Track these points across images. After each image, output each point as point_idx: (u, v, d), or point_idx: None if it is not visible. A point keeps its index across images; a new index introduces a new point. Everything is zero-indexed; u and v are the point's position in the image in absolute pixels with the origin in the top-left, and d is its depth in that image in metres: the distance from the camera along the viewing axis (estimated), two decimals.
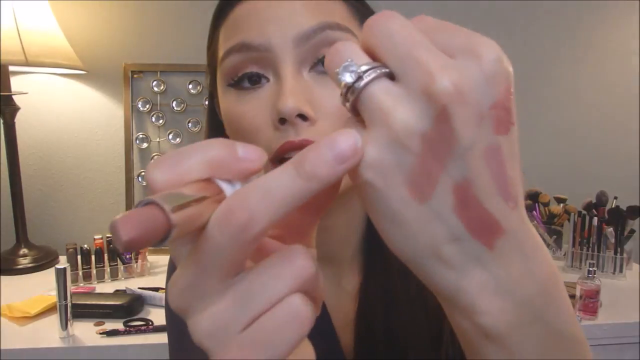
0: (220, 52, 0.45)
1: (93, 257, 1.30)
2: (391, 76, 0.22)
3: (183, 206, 0.18)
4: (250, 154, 0.21)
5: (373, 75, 0.21)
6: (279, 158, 0.41)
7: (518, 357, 0.23)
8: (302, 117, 0.40)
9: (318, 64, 0.42)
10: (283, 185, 0.19)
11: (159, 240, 0.18)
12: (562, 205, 1.58)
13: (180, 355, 0.53)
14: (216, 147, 0.21)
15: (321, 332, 0.48)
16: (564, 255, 1.51)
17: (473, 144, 0.21)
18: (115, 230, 0.17)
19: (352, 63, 0.21)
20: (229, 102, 0.44)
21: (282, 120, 0.40)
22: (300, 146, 0.39)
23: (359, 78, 0.21)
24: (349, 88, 0.21)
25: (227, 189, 0.21)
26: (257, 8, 0.42)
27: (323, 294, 0.24)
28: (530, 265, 0.23)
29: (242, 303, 0.20)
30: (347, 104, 0.22)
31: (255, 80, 0.43)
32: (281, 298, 0.20)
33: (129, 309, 1.08)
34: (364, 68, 0.21)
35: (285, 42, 0.41)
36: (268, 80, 0.43)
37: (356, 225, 0.50)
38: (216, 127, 0.51)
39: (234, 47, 0.42)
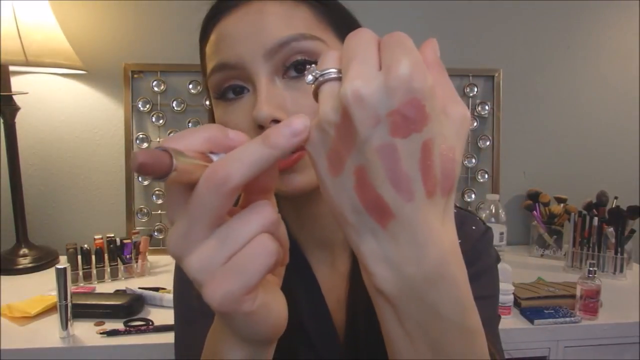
0: (208, 69, 0.51)
1: (93, 257, 1.30)
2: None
3: (184, 161, 0.26)
4: (237, 136, 0.30)
5: (324, 78, 0.29)
6: None
7: (402, 317, 0.29)
8: (276, 121, 0.45)
9: (289, 70, 0.47)
10: (253, 152, 0.27)
11: (162, 174, 0.25)
12: (562, 205, 1.58)
13: (188, 331, 0.57)
14: (213, 129, 0.29)
15: (315, 311, 0.52)
16: (564, 255, 1.51)
17: (368, 140, 0.26)
18: (134, 156, 0.23)
19: (313, 69, 0.29)
20: (219, 113, 0.51)
21: (260, 127, 0.45)
22: None
23: (316, 79, 0.29)
24: (313, 85, 0.29)
25: (215, 159, 0.28)
26: (228, 30, 0.48)
27: (285, 234, 0.31)
28: (418, 252, 0.27)
29: (223, 243, 0.27)
30: (314, 95, 0.30)
31: (238, 91, 0.49)
32: (253, 237, 0.27)
33: (129, 309, 1.08)
34: (319, 72, 0.29)
35: (256, 58, 0.46)
36: (248, 90, 0.48)
37: None
38: None
39: (215, 67, 0.49)
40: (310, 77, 0.29)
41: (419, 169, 0.26)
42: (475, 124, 1.63)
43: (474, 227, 0.58)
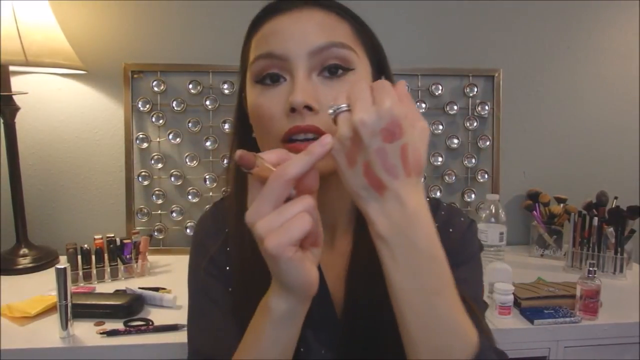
0: (251, 57, 0.59)
1: (93, 257, 1.30)
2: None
3: (262, 163, 0.45)
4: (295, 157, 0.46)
5: (339, 110, 0.46)
6: (287, 138, 0.55)
7: (394, 253, 0.45)
8: (308, 108, 0.54)
9: (324, 71, 0.57)
10: (301, 158, 0.45)
11: (249, 166, 0.44)
12: (562, 205, 1.58)
13: (200, 300, 0.67)
14: (283, 152, 0.48)
15: None
16: (564, 255, 1.51)
17: (369, 145, 0.44)
18: (237, 153, 0.43)
19: (333, 105, 0.47)
20: (255, 95, 0.59)
21: (293, 110, 0.54)
22: (306, 129, 0.54)
23: (335, 111, 0.46)
24: (333, 114, 0.47)
25: None
26: (280, 26, 0.57)
27: (319, 220, 0.47)
28: (401, 206, 0.45)
29: (279, 215, 0.43)
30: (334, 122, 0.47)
31: (275, 79, 0.57)
32: (297, 213, 0.43)
33: (129, 309, 1.08)
34: (337, 107, 0.46)
35: (300, 54, 0.55)
36: (285, 80, 0.57)
37: (348, 198, 0.64)
38: (242, 117, 0.65)
39: (262, 55, 0.57)
40: (330, 111, 0.47)
41: (400, 160, 0.44)
42: (475, 123, 1.63)
43: (462, 219, 0.70)
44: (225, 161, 1.54)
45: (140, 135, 1.52)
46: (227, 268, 0.66)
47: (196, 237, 0.72)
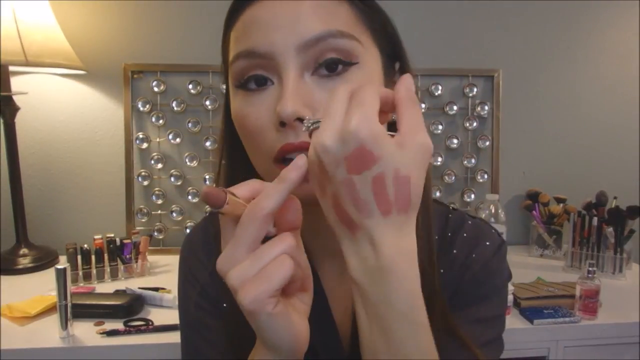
0: (231, 55, 0.48)
1: (93, 257, 1.30)
2: None
3: (234, 199, 0.37)
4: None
5: (312, 127, 0.39)
6: (280, 159, 0.46)
7: (365, 301, 0.37)
8: (301, 120, 0.43)
9: (320, 68, 0.45)
10: (274, 187, 0.37)
11: (218, 205, 0.36)
12: (562, 205, 1.58)
13: (191, 336, 0.60)
14: (257, 183, 0.40)
15: (320, 321, 0.52)
16: (564, 255, 1.52)
17: (334, 176, 0.36)
18: (203, 190, 0.35)
19: (309, 118, 0.40)
20: (237, 103, 0.48)
21: (283, 123, 0.44)
22: (300, 148, 0.44)
23: (308, 127, 0.39)
24: (306, 131, 0.40)
25: None
26: (261, 14, 0.45)
27: (306, 262, 0.40)
28: (375, 252, 0.36)
29: (255, 260, 0.36)
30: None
31: (261, 82, 0.46)
32: (277, 256, 0.36)
33: (129, 309, 1.08)
34: (311, 122, 0.39)
35: (288, 49, 0.44)
36: (273, 83, 0.46)
37: None
38: (231, 123, 0.55)
39: (241, 53, 0.46)
40: (304, 127, 0.40)
41: (373, 196, 0.35)
42: (475, 124, 1.63)
43: (487, 243, 0.56)
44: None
45: (140, 135, 1.52)
46: (225, 305, 0.57)
47: (184, 262, 0.62)
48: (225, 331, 0.56)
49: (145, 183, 1.54)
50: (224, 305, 0.57)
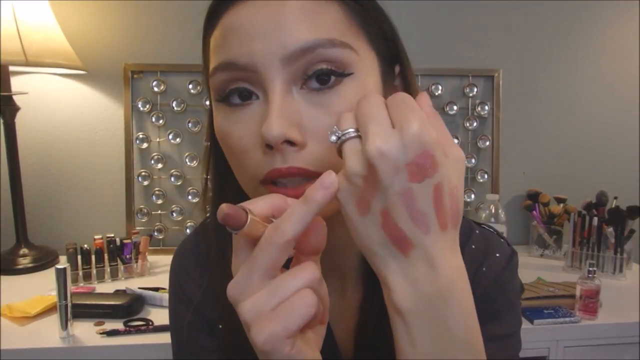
0: (210, 65, 0.43)
1: (93, 257, 1.30)
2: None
3: (253, 219, 0.33)
4: (295, 203, 0.34)
5: (345, 137, 0.34)
6: (267, 182, 0.41)
7: (414, 333, 0.34)
8: (289, 142, 0.39)
9: (310, 80, 0.40)
10: (298, 210, 0.33)
11: (238, 226, 0.32)
12: (562, 205, 1.58)
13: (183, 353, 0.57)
14: (277, 198, 0.35)
15: (323, 346, 0.49)
16: (564, 255, 1.51)
17: (390, 186, 0.32)
18: (221, 208, 0.31)
19: (336, 130, 0.35)
20: (219, 118, 0.43)
21: (269, 146, 0.39)
22: (288, 174, 0.39)
23: (339, 138, 0.35)
24: (336, 142, 0.35)
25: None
26: (241, 20, 0.40)
27: (326, 294, 0.35)
28: (433, 274, 0.33)
29: (273, 293, 0.32)
30: (338, 152, 0.35)
31: (244, 96, 0.41)
32: (298, 290, 0.32)
33: (129, 309, 1.08)
34: (341, 132, 0.35)
35: (272, 62, 0.39)
36: (258, 97, 0.41)
37: (355, 245, 0.51)
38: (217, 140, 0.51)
39: (220, 65, 0.41)
40: (333, 137, 0.35)
41: (433, 207, 0.32)
42: (475, 124, 1.63)
43: (497, 255, 0.52)
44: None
45: (140, 135, 1.52)
46: (220, 326, 0.53)
47: (174, 280, 0.58)
48: (218, 351, 0.53)
49: (145, 183, 1.54)
50: (219, 326, 0.53)
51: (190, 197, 1.55)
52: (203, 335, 0.54)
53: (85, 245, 1.29)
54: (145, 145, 1.53)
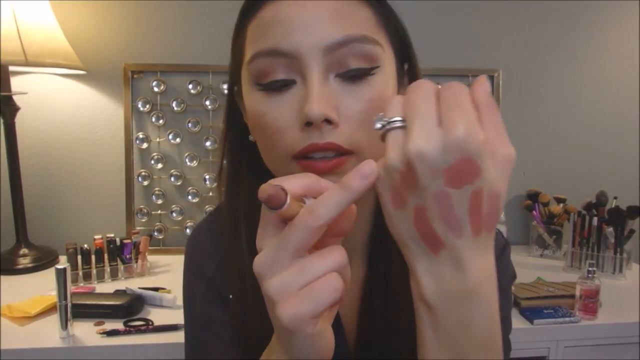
0: (248, 52, 0.48)
1: (93, 257, 1.30)
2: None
3: (292, 200, 0.33)
4: (328, 184, 0.35)
5: (389, 127, 0.33)
6: (302, 156, 0.45)
7: (438, 325, 0.35)
8: (327, 121, 0.44)
9: (344, 72, 0.45)
10: (334, 196, 0.33)
11: (278, 206, 0.32)
12: (562, 205, 1.58)
13: (196, 337, 0.59)
14: (310, 178, 0.35)
15: None
16: (564, 255, 1.52)
17: (427, 188, 0.32)
18: (263, 189, 0.31)
19: (381, 116, 0.34)
20: (256, 101, 0.47)
21: (308, 124, 0.44)
22: (324, 148, 0.44)
23: (383, 126, 0.34)
24: (381, 130, 0.34)
25: (307, 202, 0.35)
26: (285, 13, 0.45)
27: (349, 276, 0.36)
28: (460, 275, 0.33)
29: (301, 273, 0.33)
30: (381, 138, 0.34)
31: (284, 82, 0.45)
32: (325, 273, 0.33)
33: (129, 309, 1.08)
34: (387, 120, 0.34)
35: (313, 51, 0.44)
36: (295, 83, 0.45)
37: (363, 220, 0.55)
38: (234, 117, 0.55)
39: (263, 51, 0.45)
40: (378, 125, 0.34)
41: (468, 213, 0.32)
42: None
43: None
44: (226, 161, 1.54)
45: (140, 135, 1.52)
46: (230, 297, 0.56)
47: (190, 256, 0.61)
48: (230, 323, 0.55)
49: (145, 183, 1.54)
50: (230, 296, 0.56)
51: (190, 197, 1.54)
52: (215, 306, 0.57)
53: (85, 245, 1.29)
54: (145, 145, 1.53)
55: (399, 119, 0.33)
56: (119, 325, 1.03)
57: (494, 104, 0.33)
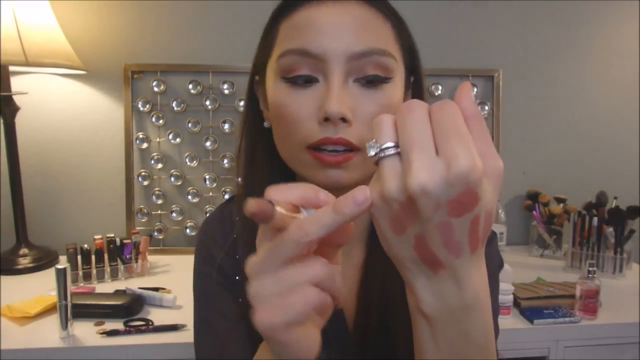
0: (278, 48, 0.53)
1: (93, 257, 1.30)
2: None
3: (280, 213, 0.33)
4: (326, 197, 0.36)
5: (386, 153, 0.33)
6: (315, 147, 0.50)
7: (437, 336, 0.37)
8: (343, 119, 0.49)
9: (362, 78, 0.51)
10: (325, 217, 0.33)
11: (265, 221, 0.32)
12: (562, 205, 1.58)
13: (206, 306, 0.63)
14: (308, 188, 0.36)
15: None
16: (564, 255, 1.52)
17: (429, 220, 0.32)
18: (248, 204, 0.31)
19: (374, 143, 0.34)
20: (280, 92, 0.52)
21: (326, 119, 0.49)
22: (336, 142, 0.49)
23: (379, 152, 0.34)
24: (374, 157, 0.34)
25: (305, 213, 0.36)
26: (317, 18, 0.50)
27: (338, 287, 0.36)
28: (459, 290, 0.35)
29: (279, 282, 0.34)
30: (375, 162, 0.35)
31: (308, 79, 0.51)
32: (301, 285, 0.34)
33: (129, 309, 1.08)
34: (384, 146, 0.33)
35: (338, 56, 0.49)
36: (318, 81, 0.51)
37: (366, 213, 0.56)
38: (252, 106, 0.60)
39: (294, 50, 0.50)
40: (372, 152, 0.34)
41: (467, 237, 0.33)
42: None
43: None
44: (226, 161, 1.55)
45: (140, 135, 1.52)
46: (237, 278, 0.60)
47: (201, 242, 0.65)
48: (238, 305, 0.59)
49: (145, 183, 1.54)
50: (237, 277, 0.60)
51: (190, 197, 1.55)
52: (224, 289, 0.61)
53: (85, 245, 1.29)
54: (145, 145, 1.53)
55: (391, 144, 0.33)
56: (119, 325, 1.03)
57: (480, 113, 0.34)
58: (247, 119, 0.61)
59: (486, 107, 1.63)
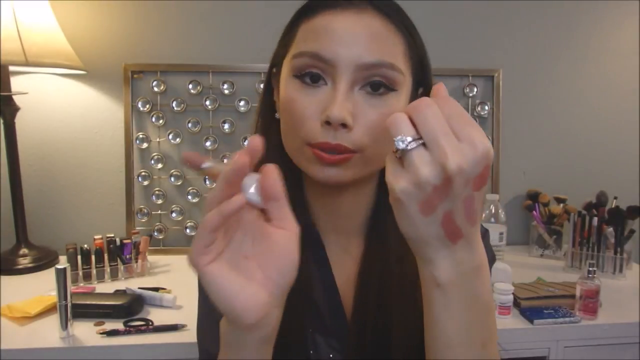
0: (295, 47, 0.56)
1: (93, 257, 1.30)
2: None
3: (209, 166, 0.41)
4: (239, 156, 0.39)
5: (414, 145, 0.38)
6: (313, 146, 0.53)
7: (451, 304, 0.42)
8: (343, 125, 0.51)
9: (367, 86, 0.53)
10: (214, 212, 0.38)
11: (193, 166, 0.41)
12: (562, 205, 1.58)
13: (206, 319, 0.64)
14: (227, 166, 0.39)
15: (325, 287, 0.62)
16: (564, 255, 1.52)
17: (459, 195, 0.38)
18: (184, 153, 0.40)
19: (403, 138, 0.38)
20: (290, 88, 0.55)
21: (328, 123, 0.51)
22: (334, 148, 0.52)
23: (408, 144, 0.38)
24: (403, 149, 0.38)
25: (247, 182, 0.40)
26: (333, 25, 0.53)
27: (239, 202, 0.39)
28: (471, 254, 0.42)
29: (202, 224, 0.38)
30: (397, 155, 0.39)
31: (315, 78, 0.54)
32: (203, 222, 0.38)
33: (129, 309, 1.08)
34: (409, 139, 0.38)
35: (348, 64, 0.52)
36: (326, 84, 0.53)
37: (363, 205, 0.63)
38: (268, 96, 0.63)
39: (308, 53, 0.53)
40: (402, 145, 0.38)
41: (481, 205, 0.40)
42: None
43: None
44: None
45: (140, 136, 1.52)
46: None
47: None
48: None
49: (145, 183, 1.54)
50: None
51: (190, 197, 1.55)
52: None
53: (85, 245, 1.29)
54: (145, 145, 1.53)
55: (413, 138, 0.38)
56: (119, 325, 1.03)
57: (453, 99, 0.40)
58: (262, 106, 0.64)
59: (486, 107, 1.62)
